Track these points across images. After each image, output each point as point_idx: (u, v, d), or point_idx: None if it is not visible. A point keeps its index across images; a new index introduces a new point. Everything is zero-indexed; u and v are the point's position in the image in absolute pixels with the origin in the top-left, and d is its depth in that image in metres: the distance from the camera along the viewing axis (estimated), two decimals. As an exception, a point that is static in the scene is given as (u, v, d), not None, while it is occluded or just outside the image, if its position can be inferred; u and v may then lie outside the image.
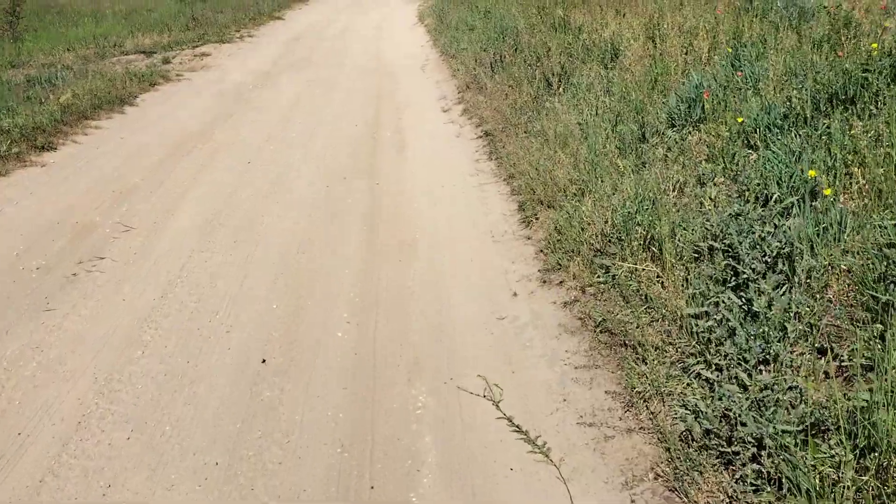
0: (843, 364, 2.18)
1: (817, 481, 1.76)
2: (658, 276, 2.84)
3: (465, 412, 2.50)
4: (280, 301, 3.26)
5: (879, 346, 2.08)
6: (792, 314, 2.28)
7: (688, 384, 2.31)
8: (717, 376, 2.24)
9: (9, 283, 3.41)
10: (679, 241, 2.84)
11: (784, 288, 2.40)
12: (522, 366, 2.78)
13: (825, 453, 1.81)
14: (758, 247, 2.54)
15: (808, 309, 2.26)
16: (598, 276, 3.12)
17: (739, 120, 3.22)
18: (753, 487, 1.89)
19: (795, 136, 3.27)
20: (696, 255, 2.78)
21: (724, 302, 2.35)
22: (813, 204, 2.80)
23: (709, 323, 2.35)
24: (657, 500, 2.06)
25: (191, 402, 2.55)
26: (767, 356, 2.16)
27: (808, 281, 2.40)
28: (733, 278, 2.53)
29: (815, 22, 4.82)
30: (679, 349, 2.47)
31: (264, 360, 2.81)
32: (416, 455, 2.31)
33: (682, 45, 4.97)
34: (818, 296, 2.39)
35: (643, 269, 2.87)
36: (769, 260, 2.51)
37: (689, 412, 2.19)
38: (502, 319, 3.13)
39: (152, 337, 2.97)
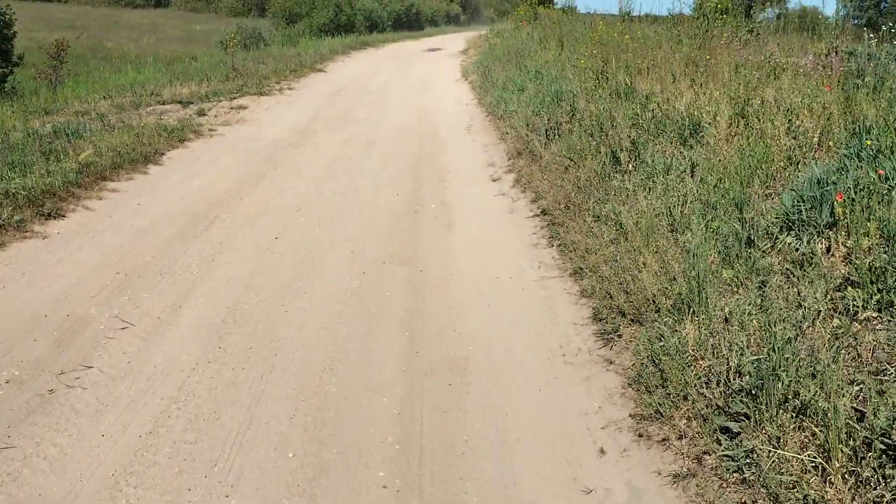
0: None
1: None
2: (823, 469, 2.04)
3: None
4: (298, 448, 2.53)
5: None
6: None
7: None
8: None
9: (-34, 404, 2.75)
10: (852, 421, 2.05)
11: None
12: (625, 581, 1.99)
13: None
14: None
15: None
16: (722, 444, 2.33)
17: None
18: None
19: (981, 263, 2.49)
20: (884, 448, 1.98)
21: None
22: None
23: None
24: None
25: None
26: None
27: None
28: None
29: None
30: None
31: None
32: None
33: (785, 126, 4.24)
34: None
35: (795, 457, 2.08)
36: None
37: None
38: (588, 493, 2.35)
39: (128, 501, 2.25)
